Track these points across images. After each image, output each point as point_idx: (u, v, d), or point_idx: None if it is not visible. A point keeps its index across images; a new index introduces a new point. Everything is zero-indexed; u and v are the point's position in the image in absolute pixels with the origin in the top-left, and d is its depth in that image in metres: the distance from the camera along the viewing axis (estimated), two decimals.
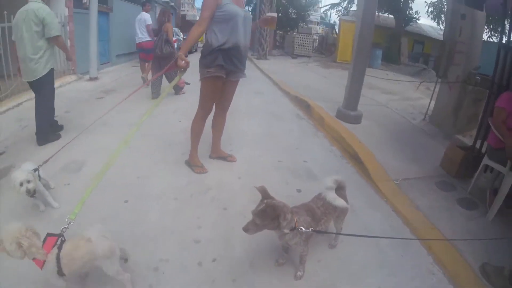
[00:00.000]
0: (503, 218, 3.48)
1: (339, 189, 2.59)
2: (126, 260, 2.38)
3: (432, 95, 7.13)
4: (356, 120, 6.34)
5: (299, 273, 2.44)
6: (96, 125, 3.95)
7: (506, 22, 4.68)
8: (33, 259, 1.87)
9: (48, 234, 2.02)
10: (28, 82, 4.51)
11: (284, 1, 30.22)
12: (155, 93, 7.19)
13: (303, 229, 2.19)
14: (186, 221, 3.01)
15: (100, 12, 10.02)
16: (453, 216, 3.54)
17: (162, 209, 3.18)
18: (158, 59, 7.01)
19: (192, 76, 5.30)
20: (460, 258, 2.89)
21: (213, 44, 3.34)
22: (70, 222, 2.10)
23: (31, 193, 2.77)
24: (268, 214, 2.10)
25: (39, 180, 2.94)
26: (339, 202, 2.45)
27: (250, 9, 32.43)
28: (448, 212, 3.62)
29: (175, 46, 8.55)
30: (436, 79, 7.00)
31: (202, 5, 3.35)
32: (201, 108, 3.76)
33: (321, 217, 2.42)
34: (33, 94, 4.74)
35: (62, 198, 3.13)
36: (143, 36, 9.04)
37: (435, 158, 4.83)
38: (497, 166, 3.66)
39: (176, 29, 11.81)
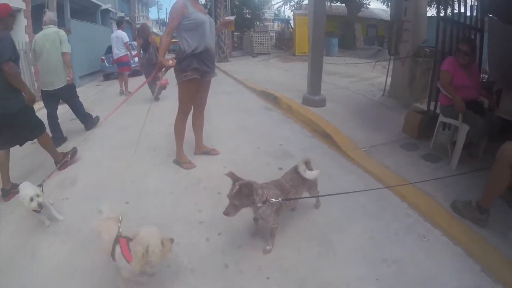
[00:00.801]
0: (466, 165, 3.99)
1: (307, 163, 2.94)
2: None
3: (388, 72, 7.71)
4: (321, 103, 6.86)
5: (268, 247, 2.72)
6: (74, 142, 4.34)
7: None
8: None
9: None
10: (50, 91, 5.59)
11: (237, 3, 30.52)
12: (154, 92, 7.38)
13: (274, 200, 2.55)
14: (187, 209, 3.38)
15: None
16: (420, 169, 4.05)
17: (162, 203, 3.51)
18: (153, 66, 7.32)
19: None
20: (432, 200, 3.38)
21: (186, 50, 3.77)
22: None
23: (40, 208, 2.95)
24: (243, 193, 2.42)
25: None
26: (308, 173, 2.83)
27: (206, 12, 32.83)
28: (415, 167, 4.14)
29: (129, 62, 10.25)
30: (389, 57, 7.61)
31: (169, 17, 3.83)
32: (181, 109, 4.17)
33: (290, 190, 2.78)
34: None
35: (63, 212, 3.34)
36: (119, 51, 9.77)
37: (397, 125, 5.36)
38: (450, 121, 4.24)
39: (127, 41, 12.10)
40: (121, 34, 9.93)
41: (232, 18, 4.38)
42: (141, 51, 8.39)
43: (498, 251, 2.65)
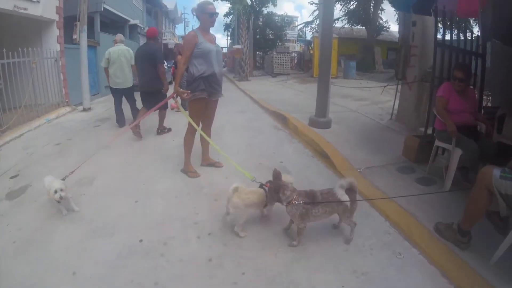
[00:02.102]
0: (460, 190, 4.05)
1: (351, 191, 3.10)
2: (141, 240, 3.17)
3: (395, 96, 7.84)
4: (326, 125, 7.12)
5: (294, 242, 3.10)
6: (95, 147, 4.87)
7: (439, 24, 5.41)
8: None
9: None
10: (118, 89, 7.67)
11: (260, 23, 31.03)
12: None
13: (296, 202, 2.95)
14: (186, 211, 3.75)
15: (88, 46, 10.65)
16: (410, 192, 4.08)
17: (166, 204, 3.91)
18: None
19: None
20: (414, 220, 3.48)
21: (195, 74, 4.26)
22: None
23: (62, 199, 3.44)
24: (272, 189, 3.03)
25: None
26: (342, 196, 2.96)
27: (229, 33, 33.44)
28: (406, 189, 4.21)
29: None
30: (397, 81, 7.80)
31: (184, 46, 4.32)
32: (190, 124, 4.55)
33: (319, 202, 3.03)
34: (33, 125, 7.60)
35: (79, 205, 3.77)
36: None
37: (398, 149, 5.51)
38: (445, 145, 4.36)
39: None
40: None
41: (240, 47, 4.87)
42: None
43: (477, 274, 2.69)
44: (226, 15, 33.39)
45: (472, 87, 4.86)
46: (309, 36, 37.51)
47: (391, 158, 5.34)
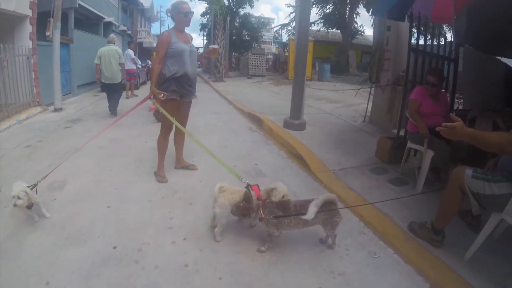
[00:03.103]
0: (432, 189, 4.20)
1: (331, 204, 3.00)
2: (115, 247, 3.07)
3: (369, 98, 8.00)
4: (301, 127, 7.17)
5: (262, 248, 3.05)
6: (67, 150, 4.72)
7: (413, 29, 5.56)
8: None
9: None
10: (108, 84, 8.88)
11: (237, 24, 31.03)
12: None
13: (266, 218, 2.93)
14: (160, 215, 3.66)
15: (61, 44, 10.40)
16: (383, 192, 4.27)
17: (139, 209, 3.80)
18: None
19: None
20: (389, 221, 3.55)
21: (166, 74, 4.17)
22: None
23: (30, 206, 3.31)
24: (242, 212, 3.06)
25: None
26: (310, 214, 2.81)
27: (205, 33, 33.34)
28: (379, 189, 4.35)
29: (135, 73, 13.23)
30: (370, 84, 7.94)
31: (158, 46, 4.24)
32: (163, 127, 4.52)
33: (292, 213, 2.96)
34: (3, 126, 7.32)
35: (51, 210, 3.62)
36: (128, 65, 12.47)
37: (371, 150, 5.63)
38: (417, 147, 4.48)
39: (135, 57, 12.77)
40: (130, 52, 13.07)
41: (216, 46, 4.79)
42: None
43: (451, 271, 2.78)
44: (203, 15, 33.20)
45: (444, 90, 4.97)
46: (285, 38, 37.82)
47: (364, 159, 5.43)
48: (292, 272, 2.83)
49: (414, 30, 5.45)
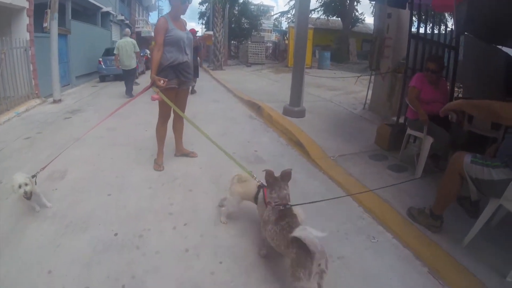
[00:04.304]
0: (431, 175, 4.24)
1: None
2: (116, 234, 3.10)
3: (369, 86, 8.01)
4: (300, 114, 7.17)
5: (261, 252, 2.85)
6: (67, 140, 4.72)
7: (414, 17, 5.53)
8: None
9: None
10: (126, 70, 10.79)
11: (236, 12, 30.85)
12: None
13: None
14: (160, 202, 3.69)
15: (59, 35, 10.28)
16: (383, 178, 4.29)
17: (140, 196, 3.82)
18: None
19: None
20: (388, 206, 3.57)
21: (163, 63, 4.13)
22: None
23: (28, 195, 3.27)
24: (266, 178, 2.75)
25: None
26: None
27: (204, 22, 33.15)
28: (378, 175, 4.38)
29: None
30: (371, 72, 7.93)
31: (155, 33, 4.19)
32: (160, 115, 4.51)
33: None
34: (2, 119, 7.33)
35: (52, 200, 3.64)
36: None
37: (371, 137, 5.65)
38: (416, 133, 4.51)
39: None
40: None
41: (211, 33, 4.74)
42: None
43: (449, 256, 2.81)
44: (201, 3, 33.07)
45: (444, 78, 4.96)
46: (284, 26, 37.63)
47: (364, 146, 5.45)
48: None
49: (415, 18, 5.44)
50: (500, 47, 5.86)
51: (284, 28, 38.32)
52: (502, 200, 2.67)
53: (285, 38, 28.47)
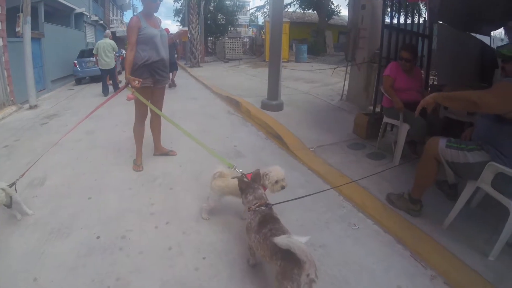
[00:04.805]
0: (409, 162, 4.30)
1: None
2: (98, 236, 3.08)
3: (345, 77, 8.07)
4: (279, 107, 7.22)
5: (250, 261, 2.73)
6: (45, 146, 4.66)
7: (388, 8, 5.58)
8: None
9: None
10: (105, 69, 11.18)
11: (212, 8, 30.66)
12: None
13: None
14: (141, 202, 3.67)
15: (32, 39, 9.97)
16: (362, 166, 4.36)
17: (120, 198, 3.79)
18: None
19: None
20: (368, 193, 3.65)
21: (138, 62, 4.06)
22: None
23: (9, 205, 3.24)
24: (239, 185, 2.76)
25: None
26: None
27: (179, 19, 32.86)
28: (358, 164, 4.45)
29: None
30: (346, 63, 8.00)
31: (128, 32, 4.08)
32: (137, 114, 4.45)
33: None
34: None
35: (33, 207, 3.56)
36: None
37: (349, 127, 5.73)
38: (392, 121, 4.57)
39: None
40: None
41: (186, 29, 4.69)
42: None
43: (430, 238, 2.88)
44: (177, 0, 32.71)
45: (419, 67, 5.04)
46: (261, 20, 37.54)
47: (342, 136, 5.52)
48: None
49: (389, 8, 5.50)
50: (474, 34, 5.99)
51: (260, 23, 38.29)
52: (479, 182, 2.73)
53: (262, 32, 28.41)
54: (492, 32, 7.07)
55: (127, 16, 45.16)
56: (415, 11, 7.18)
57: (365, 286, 2.50)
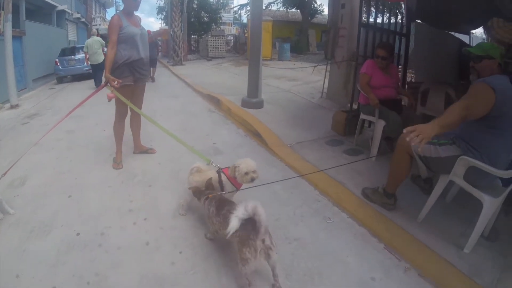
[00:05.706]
0: (385, 157, 4.38)
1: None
2: (78, 233, 3.12)
3: (325, 75, 8.20)
4: (258, 105, 7.29)
5: (207, 235, 3.04)
6: (26, 146, 4.59)
7: (363, 7, 5.71)
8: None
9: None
10: (94, 65, 11.80)
11: (195, 6, 30.49)
12: None
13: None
14: (120, 199, 3.70)
15: (13, 37, 9.85)
16: (339, 162, 4.40)
17: (100, 195, 3.82)
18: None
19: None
20: (343, 188, 3.73)
21: (118, 61, 4.09)
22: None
23: None
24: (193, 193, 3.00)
25: None
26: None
27: (162, 17, 32.61)
28: (335, 159, 4.54)
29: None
30: (326, 61, 8.10)
31: (109, 31, 4.08)
32: (117, 113, 4.48)
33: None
34: None
35: (15, 207, 3.56)
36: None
37: (328, 124, 5.81)
38: (369, 118, 4.68)
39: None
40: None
41: (167, 27, 4.71)
42: None
43: (405, 232, 2.96)
44: None
45: (395, 65, 5.15)
46: (244, 18, 37.50)
47: (321, 133, 5.61)
48: None
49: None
50: (452, 33, 6.12)
51: (244, 21, 38.26)
52: (451, 176, 2.83)
53: (245, 31, 28.41)
54: (473, 31, 7.25)
55: (110, 13, 44.75)
56: (394, 10, 7.31)
57: (339, 278, 2.57)
